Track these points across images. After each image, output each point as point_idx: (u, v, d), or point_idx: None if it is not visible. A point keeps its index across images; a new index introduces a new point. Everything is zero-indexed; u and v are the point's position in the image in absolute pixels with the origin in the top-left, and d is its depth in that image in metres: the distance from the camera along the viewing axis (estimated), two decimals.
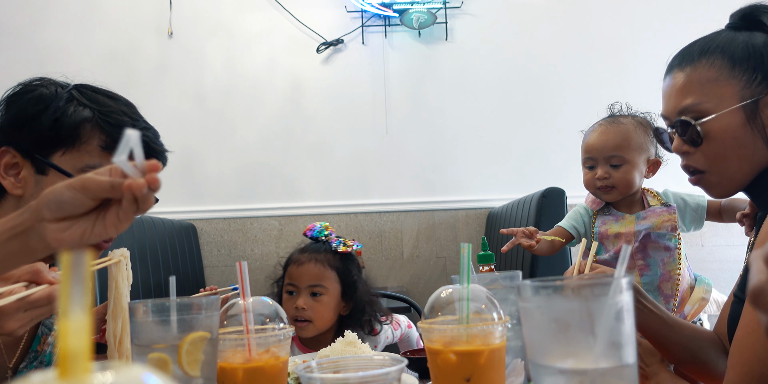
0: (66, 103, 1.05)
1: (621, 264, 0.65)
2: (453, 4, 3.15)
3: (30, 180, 1.03)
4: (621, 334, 0.59)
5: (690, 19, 3.07)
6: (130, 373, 0.28)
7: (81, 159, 1.03)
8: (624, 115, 1.58)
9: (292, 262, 1.63)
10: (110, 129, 1.05)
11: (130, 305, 0.83)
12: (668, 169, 1.58)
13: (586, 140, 1.58)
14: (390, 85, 3.16)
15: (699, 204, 1.59)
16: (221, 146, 3.14)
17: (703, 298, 1.49)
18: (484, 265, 1.23)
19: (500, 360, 0.81)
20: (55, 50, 3.12)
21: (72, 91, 1.09)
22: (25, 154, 1.03)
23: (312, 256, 1.61)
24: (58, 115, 1.03)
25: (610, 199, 1.55)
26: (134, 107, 1.15)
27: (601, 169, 1.52)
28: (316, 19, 3.16)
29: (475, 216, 3.11)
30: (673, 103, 1.03)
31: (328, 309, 1.60)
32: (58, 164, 1.02)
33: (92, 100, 1.08)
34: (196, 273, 2.90)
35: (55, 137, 1.03)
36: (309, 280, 1.58)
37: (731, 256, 2.99)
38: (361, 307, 1.63)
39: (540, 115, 3.11)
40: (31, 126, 1.03)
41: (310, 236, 1.68)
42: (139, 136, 0.60)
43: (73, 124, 1.03)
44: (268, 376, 0.84)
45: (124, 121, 1.07)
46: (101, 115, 1.06)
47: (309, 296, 1.58)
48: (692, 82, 1.00)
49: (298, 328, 1.57)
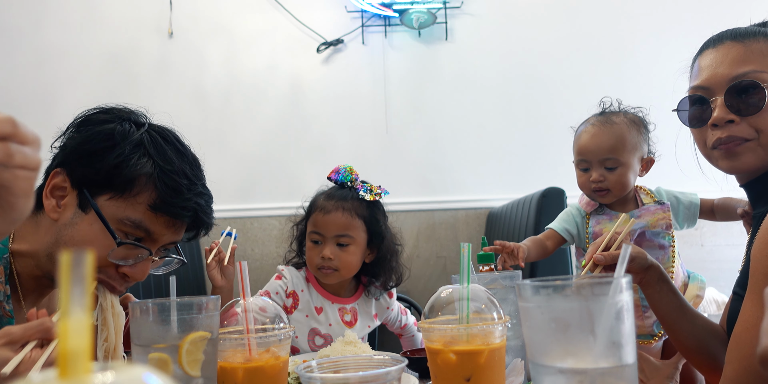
0: (132, 150, 1.02)
1: (621, 264, 0.65)
2: (453, 4, 3.15)
3: (70, 210, 1.01)
4: (621, 334, 0.59)
5: (690, 19, 3.07)
6: (130, 373, 0.28)
7: (125, 210, 1.01)
8: (616, 113, 1.55)
9: (317, 209, 1.59)
10: (164, 190, 1.02)
11: (131, 305, 0.83)
12: (659, 167, 1.57)
13: (580, 141, 1.55)
14: (390, 85, 3.16)
15: (692, 202, 1.58)
16: (221, 146, 3.14)
17: (698, 295, 1.49)
18: (484, 265, 1.23)
19: (500, 360, 0.81)
20: (55, 50, 3.12)
21: (144, 135, 1.05)
22: (76, 184, 1.02)
23: (339, 205, 1.57)
24: (120, 160, 1.00)
25: (605, 201, 1.54)
26: (197, 166, 1.12)
27: (596, 172, 1.50)
28: (316, 19, 3.16)
29: (475, 216, 3.11)
30: (726, 70, 1.01)
31: (355, 258, 1.58)
32: (102, 206, 1.00)
33: (159, 152, 1.05)
34: (196, 273, 2.90)
35: (110, 180, 1.00)
36: (336, 230, 1.56)
37: (731, 256, 2.99)
38: (386, 255, 1.63)
39: (540, 115, 3.11)
40: (92, 161, 1.01)
41: (335, 180, 1.63)
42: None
43: (132, 175, 1.01)
44: (268, 375, 0.84)
45: (181, 184, 1.04)
46: (161, 173, 1.02)
47: (335, 246, 1.56)
48: (753, 51, 0.99)
49: (323, 274, 1.57)
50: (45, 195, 1.02)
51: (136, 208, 1.01)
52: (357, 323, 1.64)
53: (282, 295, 1.60)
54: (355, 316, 1.65)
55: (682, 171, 1.36)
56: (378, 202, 1.63)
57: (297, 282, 1.63)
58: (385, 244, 1.62)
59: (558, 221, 1.61)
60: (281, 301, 1.60)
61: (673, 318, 1.09)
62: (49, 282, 1.07)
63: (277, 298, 1.60)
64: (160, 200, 1.02)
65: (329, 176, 1.64)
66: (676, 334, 1.10)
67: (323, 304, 1.62)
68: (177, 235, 1.08)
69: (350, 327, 1.62)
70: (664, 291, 1.10)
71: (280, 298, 1.60)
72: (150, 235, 1.03)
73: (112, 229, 0.99)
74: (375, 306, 1.69)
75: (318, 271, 1.59)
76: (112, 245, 0.99)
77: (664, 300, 1.09)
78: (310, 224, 1.61)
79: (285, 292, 1.61)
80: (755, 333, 0.81)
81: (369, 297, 1.67)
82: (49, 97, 3.11)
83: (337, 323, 1.61)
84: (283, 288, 1.61)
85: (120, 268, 1.03)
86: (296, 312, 1.60)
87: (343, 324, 1.62)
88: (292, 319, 1.60)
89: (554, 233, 1.59)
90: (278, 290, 1.61)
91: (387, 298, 1.70)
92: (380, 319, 1.70)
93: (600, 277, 1.01)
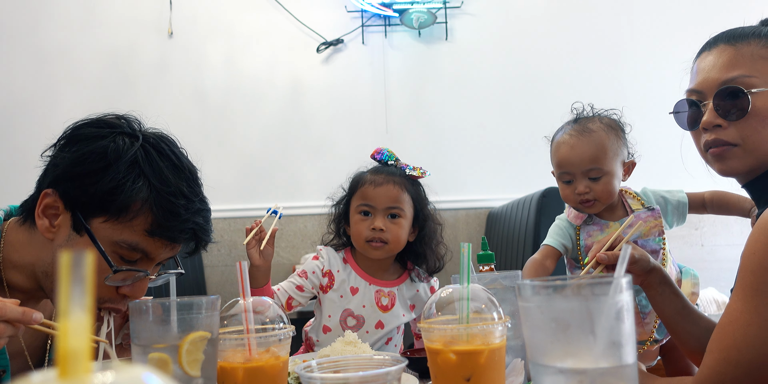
0: (127, 171, 0.98)
1: (621, 264, 0.65)
2: (453, 4, 3.15)
3: (64, 231, 0.99)
4: (621, 334, 0.59)
5: (690, 20, 3.07)
6: (130, 373, 0.28)
7: (121, 233, 0.98)
8: (590, 119, 1.49)
9: (366, 182, 1.61)
10: (160, 214, 0.99)
11: (131, 305, 0.83)
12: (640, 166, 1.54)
13: (559, 154, 1.49)
14: (390, 85, 3.16)
15: (680, 201, 1.55)
16: (221, 146, 3.14)
17: (693, 292, 1.47)
18: (484, 265, 1.23)
19: (500, 360, 0.81)
20: (55, 50, 3.12)
21: (138, 152, 1.00)
22: (69, 205, 0.98)
23: (389, 178, 1.60)
24: (114, 184, 0.96)
25: (593, 211, 1.50)
26: (195, 180, 1.07)
27: (581, 184, 1.44)
28: (316, 19, 3.16)
29: (475, 216, 3.11)
30: (716, 75, 1.02)
31: (404, 232, 1.60)
32: (96, 230, 0.97)
33: (155, 171, 1.00)
34: (196, 273, 2.90)
35: (104, 204, 0.97)
36: (388, 202, 1.58)
37: (731, 256, 2.99)
38: (429, 234, 1.65)
39: (540, 115, 3.10)
40: (84, 184, 0.97)
41: (379, 159, 1.68)
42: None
43: (126, 201, 0.97)
44: (268, 375, 0.84)
45: (177, 206, 1.00)
46: (157, 197, 0.99)
47: (386, 218, 1.58)
48: (743, 55, 1.00)
49: (373, 248, 1.58)
50: (37, 215, 0.99)
51: (133, 231, 0.98)
52: (392, 309, 1.63)
53: (318, 274, 1.63)
54: (393, 301, 1.64)
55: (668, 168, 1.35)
56: (419, 182, 1.67)
57: (334, 262, 1.65)
58: (428, 223, 1.65)
59: (552, 237, 1.55)
60: (318, 281, 1.62)
61: (676, 320, 1.11)
62: (43, 294, 1.06)
63: (314, 277, 1.62)
64: (156, 224, 0.99)
65: (372, 155, 1.68)
66: (680, 336, 1.11)
67: (359, 285, 1.63)
68: (174, 252, 1.06)
69: (385, 312, 1.62)
70: (666, 293, 1.11)
71: (317, 276, 1.63)
72: (147, 255, 1.01)
73: (107, 256, 0.97)
74: (415, 297, 1.68)
75: (367, 245, 1.59)
76: (108, 270, 0.97)
77: (666, 302, 1.11)
78: (357, 198, 1.62)
79: (321, 271, 1.63)
80: (738, 326, 0.84)
81: (413, 282, 1.68)
82: (49, 97, 3.11)
83: (371, 306, 1.62)
84: (320, 267, 1.63)
85: (119, 289, 1.02)
86: (331, 292, 1.62)
87: (377, 307, 1.62)
88: (326, 298, 1.62)
89: (552, 249, 1.52)
90: (315, 270, 1.63)
91: (428, 292, 1.70)
92: (416, 313, 1.69)
93: (600, 277, 1.02)
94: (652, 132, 2.15)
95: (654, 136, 2.20)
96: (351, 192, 1.66)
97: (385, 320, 1.62)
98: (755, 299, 0.83)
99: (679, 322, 1.10)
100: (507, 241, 2.51)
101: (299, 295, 1.63)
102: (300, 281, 1.63)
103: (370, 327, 1.61)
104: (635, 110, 1.69)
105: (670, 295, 1.11)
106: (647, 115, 2.21)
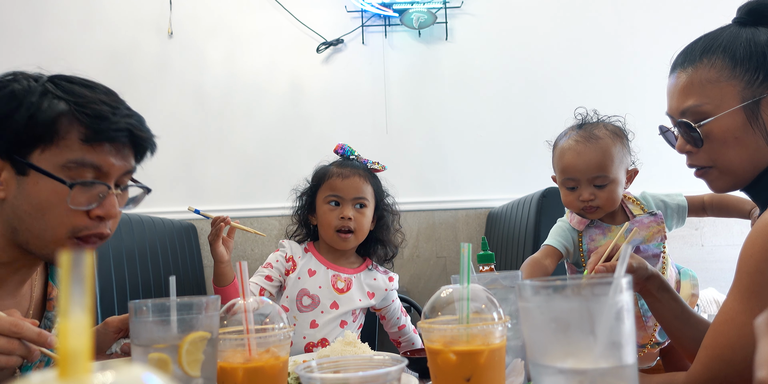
0: (40, 98, 0.99)
1: (621, 264, 0.65)
2: (453, 4, 3.15)
3: (12, 182, 0.99)
4: (621, 334, 0.59)
5: (690, 20, 3.07)
6: (130, 373, 0.28)
7: (62, 155, 0.99)
8: (596, 125, 1.47)
9: (334, 175, 1.75)
10: (89, 120, 0.99)
11: (131, 305, 0.83)
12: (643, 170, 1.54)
13: (564, 160, 1.47)
14: (390, 85, 3.16)
15: (680, 204, 1.55)
16: (221, 146, 3.14)
17: (693, 293, 1.47)
18: (484, 265, 1.22)
19: (500, 360, 0.81)
20: (55, 50, 3.12)
21: (46, 84, 1.02)
22: (4, 155, 0.99)
23: (355, 171, 1.75)
24: (32, 111, 0.97)
25: (595, 217, 1.48)
26: (114, 94, 1.08)
27: (586, 191, 1.43)
28: (316, 18, 3.16)
29: (475, 216, 3.11)
30: (675, 104, 1.04)
31: (368, 221, 1.75)
32: (38, 163, 0.98)
33: (68, 92, 1.02)
34: (196, 273, 2.90)
35: (32, 135, 0.98)
36: (355, 193, 1.72)
37: (731, 256, 2.97)
38: (387, 224, 1.80)
39: (540, 115, 3.11)
40: (6, 125, 0.98)
41: (341, 154, 1.82)
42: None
43: (49, 120, 0.98)
44: (268, 376, 0.84)
45: (103, 111, 1.01)
46: (78, 107, 1.00)
47: (354, 208, 1.72)
48: (693, 83, 1.01)
49: (342, 239, 1.71)
50: None
51: (72, 148, 0.99)
52: (348, 292, 1.73)
53: (282, 261, 1.75)
54: (349, 285, 1.74)
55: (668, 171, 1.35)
56: (377, 176, 1.83)
57: (296, 251, 1.77)
58: (387, 213, 1.81)
59: (554, 237, 1.53)
60: (282, 268, 1.74)
61: (676, 325, 1.12)
62: (25, 263, 1.06)
63: (279, 266, 1.74)
64: (89, 131, 0.99)
65: (336, 150, 1.82)
66: (680, 341, 1.12)
67: (318, 269, 1.74)
68: (125, 161, 1.06)
69: (341, 293, 1.72)
70: (666, 299, 1.12)
71: (281, 264, 1.74)
72: (99, 169, 1.01)
73: (56, 176, 0.97)
74: (373, 285, 1.77)
75: (335, 235, 1.71)
76: (66, 191, 0.98)
77: (665, 308, 1.12)
78: (325, 189, 1.75)
79: (284, 258, 1.75)
80: (732, 326, 0.86)
81: (371, 271, 1.79)
82: None
83: (327, 287, 1.71)
84: (283, 256, 1.76)
85: (91, 213, 1.01)
86: (291, 274, 1.73)
87: (333, 289, 1.72)
88: (288, 280, 1.72)
89: (553, 249, 1.50)
90: (278, 258, 1.76)
91: (387, 281, 1.79)
92: (376, 301, 1.77)
93: (600, 277, 1.02)
94: (652, 132, 2.14)
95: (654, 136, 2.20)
96: (317, 184, 1.78)
97: (340, 301, 1.71)
98: (751, 301, 0.84)
99: (678, 326, 1.11)
100: (507, 241, 2.51)
101: (269, 285, 1.72)
102: (267, 271, 1.73)
103: (325, 307, 1.70)
104: (635, 110, 1.69)
105: (669, 301, 1.12)
106: (647, 116, 2.21)
